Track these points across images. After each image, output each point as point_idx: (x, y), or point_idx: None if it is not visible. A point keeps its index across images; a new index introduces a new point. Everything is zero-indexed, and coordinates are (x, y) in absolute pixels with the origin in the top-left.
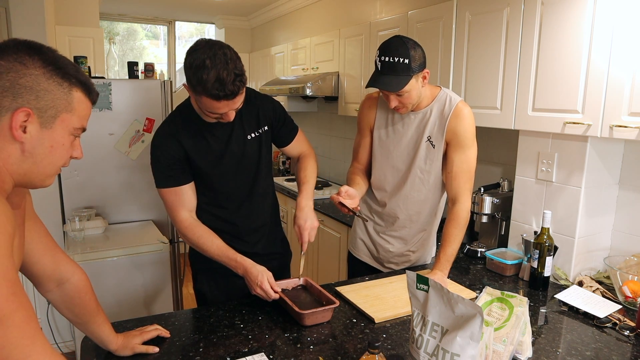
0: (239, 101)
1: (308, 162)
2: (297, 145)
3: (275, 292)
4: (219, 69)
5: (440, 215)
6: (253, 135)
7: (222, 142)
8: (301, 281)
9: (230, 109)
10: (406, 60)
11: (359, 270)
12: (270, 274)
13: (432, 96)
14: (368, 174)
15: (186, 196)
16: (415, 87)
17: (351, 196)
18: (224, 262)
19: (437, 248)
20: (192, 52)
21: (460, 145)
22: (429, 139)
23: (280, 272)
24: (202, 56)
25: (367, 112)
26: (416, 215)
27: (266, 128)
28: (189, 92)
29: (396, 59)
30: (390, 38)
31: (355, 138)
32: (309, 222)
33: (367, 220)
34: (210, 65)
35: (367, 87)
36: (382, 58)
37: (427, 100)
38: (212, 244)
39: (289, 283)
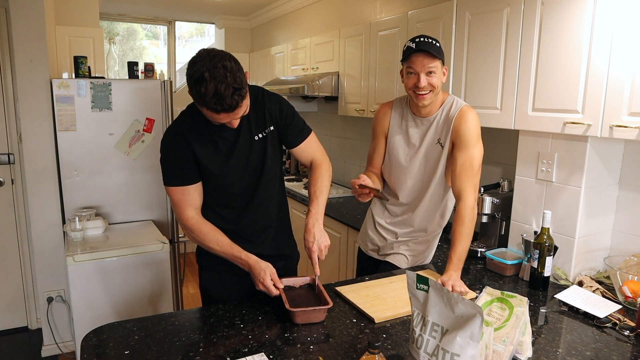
0: (239, 112)
1: (319, 175)
2: (307, 149)
3: (277, 288)
4: (218, 83)
5: (447, 216)
6: (260, 135)
7: (230, 143)
8: (309, 280)
9: (231, 119)
10: (438, 44)
11: (368, 268)
12: (273, 270)
13: (442, 101)
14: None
15: (192, 195)
16: (440, 74)
17: (368, 183)
18: (230, 260)
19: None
20: (192, 64)
21: (464, 144)
22: (438, 141)
23: (287, 274)
24: (201, 68)
25: (382, 118)
26: (427, 212)
27: (272, 128)
28: None
29: (430, 40)
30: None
31: (371, 144)
32: (317, 243)
33: (387, 200)
34: (209, 78)
35: (405, 59)
36: (418, 39)
37: (437, 106)
38: (218, 241)
39: (297, 281)
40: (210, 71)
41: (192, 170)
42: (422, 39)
